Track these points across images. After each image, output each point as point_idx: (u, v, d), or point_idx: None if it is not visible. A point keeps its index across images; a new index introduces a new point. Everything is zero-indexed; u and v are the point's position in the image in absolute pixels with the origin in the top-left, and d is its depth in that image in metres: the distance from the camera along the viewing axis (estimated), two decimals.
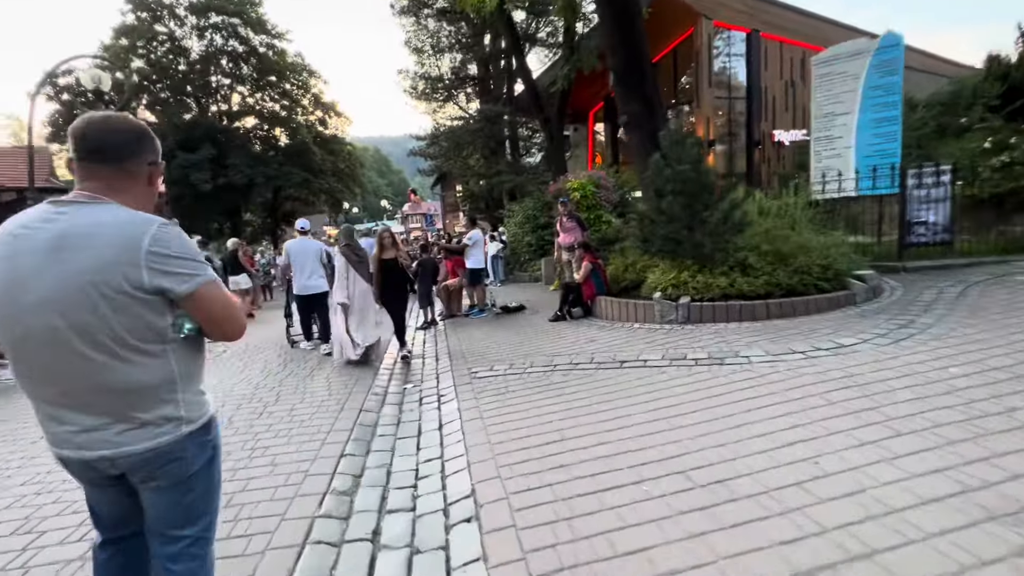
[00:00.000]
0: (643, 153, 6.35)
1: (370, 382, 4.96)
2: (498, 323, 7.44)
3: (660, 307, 5.70)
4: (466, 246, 8.14)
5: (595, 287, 6.71)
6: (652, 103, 6.30)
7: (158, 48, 23.03)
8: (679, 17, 16.08)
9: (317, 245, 6.80)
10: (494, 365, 5.03)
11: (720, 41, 17.65)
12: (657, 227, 5.83)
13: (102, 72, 8.53)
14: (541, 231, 13.13)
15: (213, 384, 5.21)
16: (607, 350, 5.01)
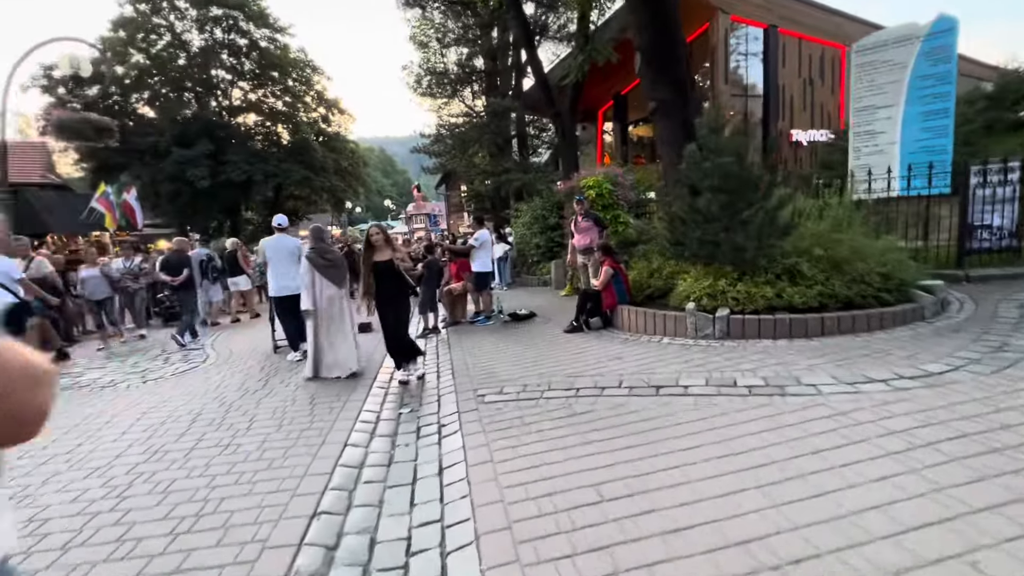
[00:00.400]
0: (673, 145, 5.64)
1: (360, 404, 4.26)
2: (507, 333, 6.73)
3: (694, 319, 4.98)
4: (472, 247, 7.44)
5: (616, 295, 5.99)
6: (684, 89, 5.59)
7: (157, 41, 22.50)
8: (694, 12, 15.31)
9: (294, 242, 6.27)
10: (504, 387, 4.32)
11: (736, 37, 16.94)
12: (690, 228, 5.11)
13: (80, 56, 7.86)
14: (550, 232, 12.42)
15: (180, 403, 4.53)
16: (637, 371, 4.29)
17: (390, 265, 4.86)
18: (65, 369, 6.14)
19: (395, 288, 4.91)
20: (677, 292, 5.47)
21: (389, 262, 4.85)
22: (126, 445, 3.57)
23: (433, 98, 19.64)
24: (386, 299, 4.90)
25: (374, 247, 4.87)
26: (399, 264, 4.91)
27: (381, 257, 4.87)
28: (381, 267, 4.85)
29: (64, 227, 15.86)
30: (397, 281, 4.92)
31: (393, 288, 4.90)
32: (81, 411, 4.49)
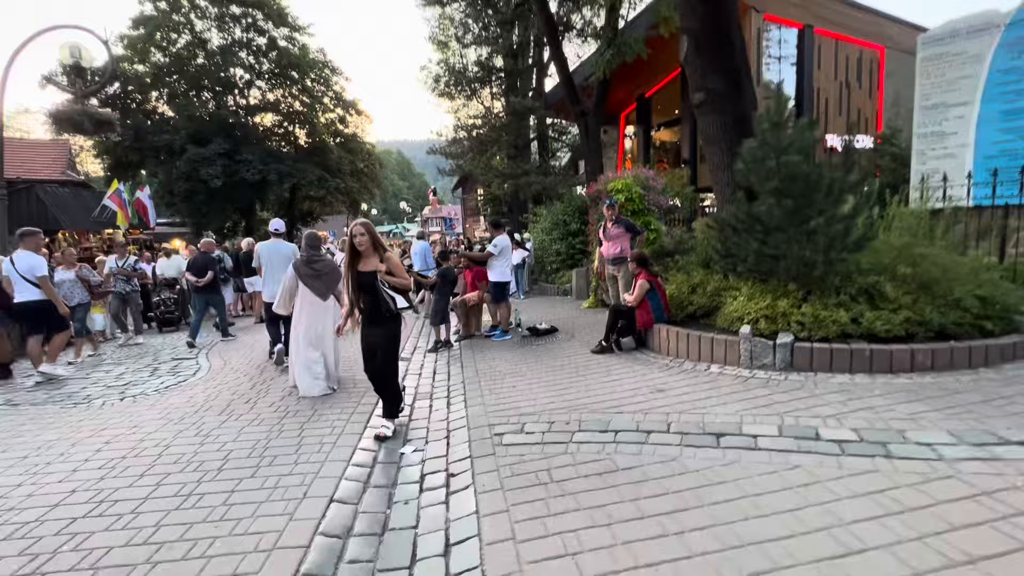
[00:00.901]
0: (724, 143, 4.92)
1: (356, 439, 3.60)
2: (527, 350, 6.04)
3: (749, 346, 4.23)
4: (490, 254, 6.77)
5: (652, 312, 5.27)
6: (740, 78, 4.86)
7: (177, 40, 22.41)
8: None
9: (290, 247, 6.31)
10: (526, 423, 3.63)
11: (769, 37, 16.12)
12: (745, 239, 4.37)
13: (81, 44, 7.43)
14: (571, 239, 11.72)
15: (152, 430, 3.92)
16: (686, 409, 3.56)
17: (374, 280, 3.65)
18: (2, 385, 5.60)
19: (381, 310, 3.66)
20: (725, 312, 4.72)
21: (373, 275, 3.64)
22: (70, 489, 2.96)
23: (451, 99, 19.11)
24: (369, 323, 3.76)
25: (357, 251, 3.70)
26: (390, 279, 3.65)
27: (366, 267, 3.69)
28: (365, 281, 3.68)
29: (76, 224, 15.65)
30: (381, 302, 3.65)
31: (378, 310, 3.66)
32: (42, 436, 3.92)
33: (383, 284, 3.63)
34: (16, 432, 4.02)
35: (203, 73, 22.64)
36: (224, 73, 23.04)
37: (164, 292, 9.47)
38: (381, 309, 3.66)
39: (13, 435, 3.96)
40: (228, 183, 20.72)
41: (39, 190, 15.23)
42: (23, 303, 5.55)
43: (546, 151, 16.73)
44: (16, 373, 6.05)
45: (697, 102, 4.97)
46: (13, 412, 4.62)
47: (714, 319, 4.94)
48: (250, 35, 23.33)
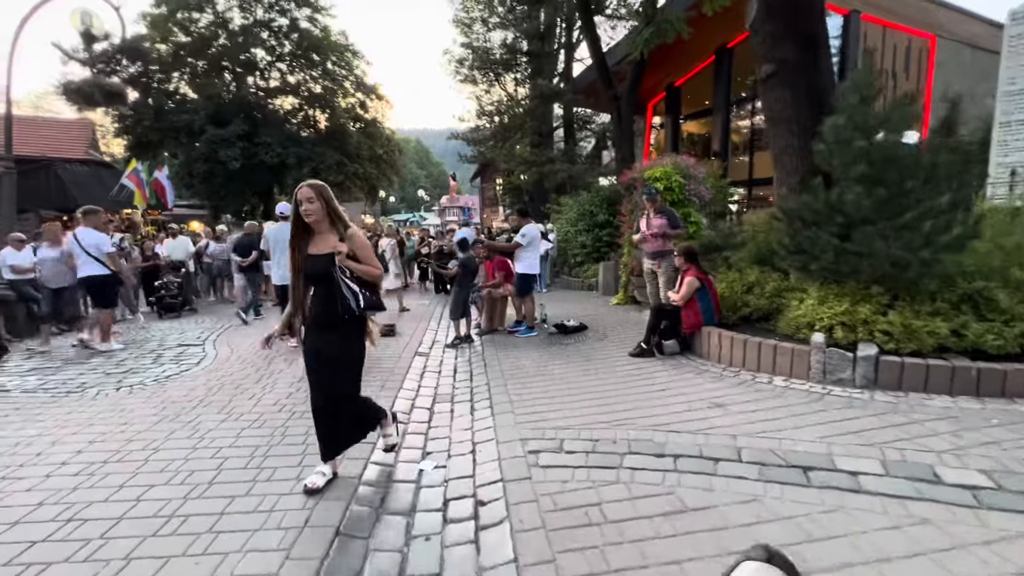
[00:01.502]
0: (795, 122, 4.29)
1: (368, 452, 3.13)
2: (555, 350, 5.52)
3: (822, 357, 3.65)
4: (518, 245, 6.24)
5: (700, 313, 4.69)
6: (818, 46, 4.22)
7: (199, 19, 22.14)
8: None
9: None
10: (565, 439, 3.12)
11: None
12: (821, 233, 3.76)
13: (92, 12, 7.04)
14: (598, 230, 11.12)
15: (142, 428, 3.50)
16: (755, 431, 3.01)
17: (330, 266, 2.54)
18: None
19: (337, 310, 2.55)
20: (789, 316, 4.13)
21: (330, 259, 2.55)
22: (38, 501, 2.54)
23: (474, 83, 18.53)
24: (319, 328, 2.65)
25: (307, 228, 2.63)
26: (353, 266, 2.59)
27: (319, 248, 2.60)
28: (318, 268, 2.57)
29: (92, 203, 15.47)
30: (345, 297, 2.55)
31: (334, 309, 2.55)
32: (24, 430, 3.53)
33: (342, 273, 2.54)
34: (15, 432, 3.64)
35: (224, 53, 22.33)
36: (245, 54, 22.71)
37: (168, 275, 8.91)
38: (337, 308, 2.53)
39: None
40: (247, 165, 20.45)
41: (58, 168, 15.10)
42: (87, 277, 5.85)
43: (572, 138, 16.07)
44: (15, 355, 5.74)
45: (765, 74, 4.34)
46: (2, 400, 4.26)
47: (774, 324, 4.36)
48: (271, 15, 22.93)
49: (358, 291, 2.59)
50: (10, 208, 7.28)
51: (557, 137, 18.83)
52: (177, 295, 8.74)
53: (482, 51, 16.73)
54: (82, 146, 23.46)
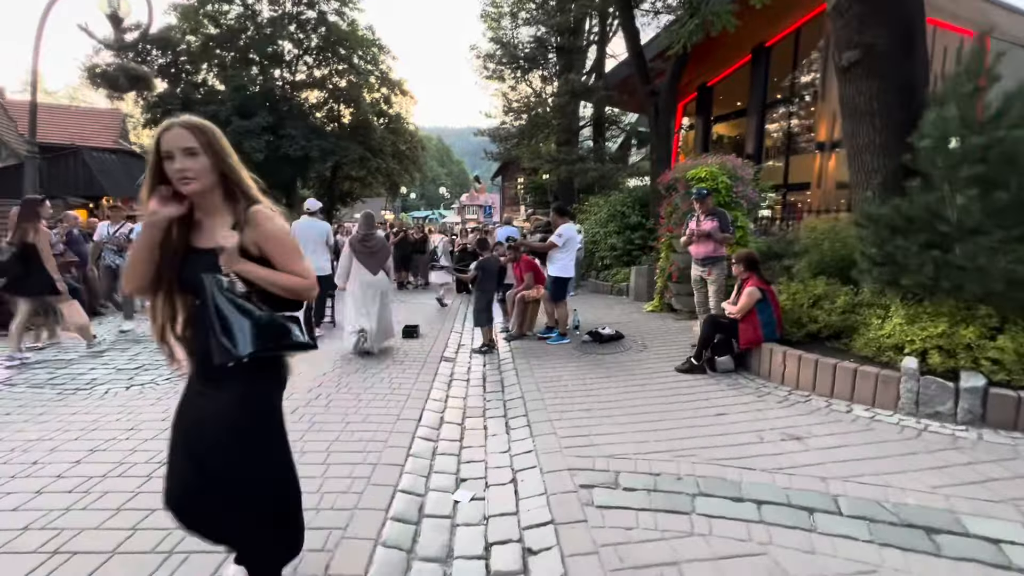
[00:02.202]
0: (879, 116, 3.80)
1: (396, 474, 2.75)
2: (592, 360, 5.10)
3: (916, 386, 3.16)
4: (554, 245, 5.83)
5: (760, 328, 4.22)
6: (913, 31, 3.73)
7: (229, 11, 22.19)
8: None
9: (323, 226, 6.44)
10: (620, 472, 2.70)
11: None
12: (914, 242, 3.27)
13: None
14: (630, 232, 10.66)
15: (149, 435, 3.19)
16: (850, 474, 2.55)
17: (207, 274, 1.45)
18: None
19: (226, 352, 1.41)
20: (869, 336, 3.65)
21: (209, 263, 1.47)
22: (22, 525, 2.22)
23: (501, 80, 18.14)
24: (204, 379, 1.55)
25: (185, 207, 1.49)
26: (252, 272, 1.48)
27: (203, 240, 1.53)
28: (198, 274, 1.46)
29: (119, 191, 15.53)
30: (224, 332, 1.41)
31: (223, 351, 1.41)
32: (23, 433, 3.25)
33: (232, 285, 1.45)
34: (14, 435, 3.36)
35: (252, 45, 22.37)
36: (273, 47, 22.71)
37: None
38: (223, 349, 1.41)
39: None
40: (271, 158, 20.42)
41: (86, 155, 15.16)
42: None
43: (602, 137, 15.57)
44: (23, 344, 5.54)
45: (847, 62, 3.85)
46: (7, 395, 4.01)
47: (848, 343, 3.87)
48: (300, 8, 22.90)
49: (255, 319, 1.43)
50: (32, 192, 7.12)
51: (583, 136, 18.36)
52: None
53: (511, 46, 16.33)
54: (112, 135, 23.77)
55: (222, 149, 1.51)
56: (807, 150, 14.98)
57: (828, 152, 13.67)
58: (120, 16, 7.07)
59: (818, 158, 13.78)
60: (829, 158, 13.74)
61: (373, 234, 5.58)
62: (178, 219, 1.49)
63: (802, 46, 14.93)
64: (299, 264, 1.54)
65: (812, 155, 14.10)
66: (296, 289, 1.53)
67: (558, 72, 16.75)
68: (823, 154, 13.64)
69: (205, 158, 1.46)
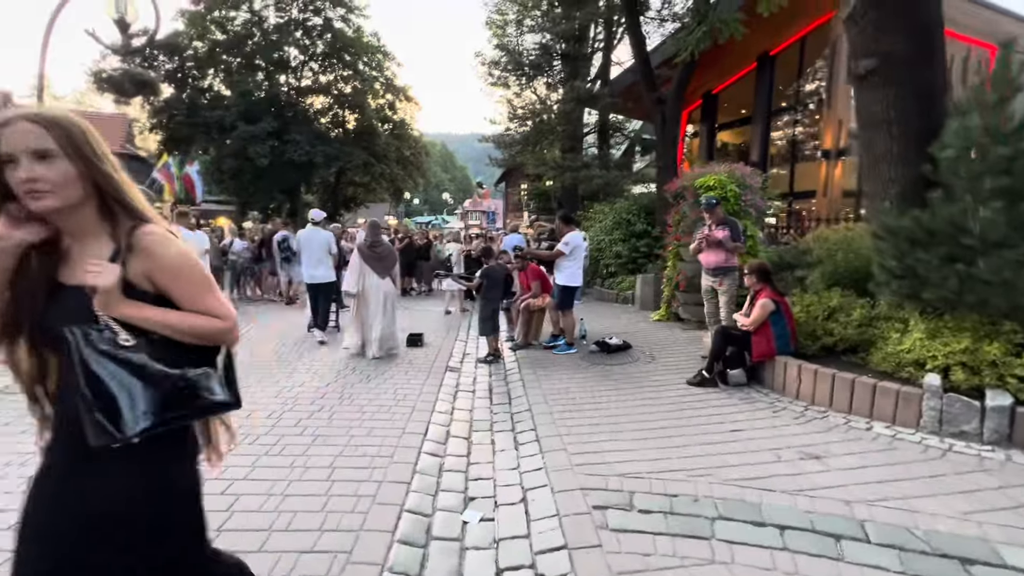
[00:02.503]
0: (897, 125, 3.72)
1: (401, 496, 2.66)
2: (600, 371, 5.00)
3: (939, 404, 3.06)
4: (560, 253, 5.75)
5: (774, 340, 4.12)
6: (932, 38, 3.67)
7: (236, 17, 22.32)
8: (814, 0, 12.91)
9: (326, 235, 6.75)
10: (635, 492, 2.60)
11: None
12: (931, 255, 3.19)
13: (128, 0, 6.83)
14: (635, 240, 10.58)
15: None
16: (875, 497, 2.45)
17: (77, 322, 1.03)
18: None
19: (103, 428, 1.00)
20: (888, 350, 3.55)
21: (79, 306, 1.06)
22: None
23: (506, 87, 18.16)
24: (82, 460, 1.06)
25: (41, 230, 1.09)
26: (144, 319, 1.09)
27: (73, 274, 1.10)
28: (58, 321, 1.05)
29: None
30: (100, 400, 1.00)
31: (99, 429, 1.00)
32: (19, 447, 3.17)
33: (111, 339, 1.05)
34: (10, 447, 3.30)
35: (258, 51, 22.49)
36: (279, 53, 22.84)
37: None
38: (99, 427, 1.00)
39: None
40: (275, 163, 20.47)
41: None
42: None
43: (607, 144, 15.54)
44: None
45: (863, 71, 3.78)
46: (6, 401, 3.93)
47: (865, 357, 3.77)
48: (307, 15, 23.03)
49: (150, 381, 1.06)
50: None
51: (587, 143, 18.35)
52: None
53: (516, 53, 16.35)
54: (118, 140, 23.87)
55: (93, 151, 1.09)
56: (812, 158, 14.92)
57: (834, 160, 13.60)
58: (127, 22, 7.05)
59: (824, 166, 13.72)
60: (835, 166, 13.67)
61: (380, 240, 5.92)
62: (38, 245, 1.09)
63: (807, 54, 14.91)
64: (210, 300, 1.17)
65: (818, 163, 14.04)
66: (209, 333, 1.16)
67: (563, 79, 16.77)
68: (829, 162, 13.58)
69: (67, 164, 1.04)
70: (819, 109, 14.67)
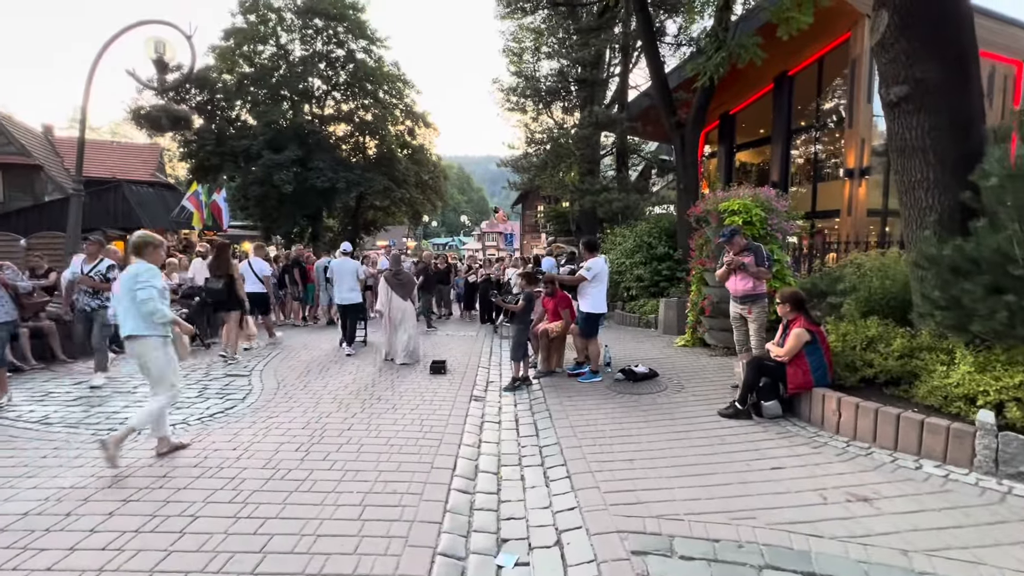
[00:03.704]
0: (933, 152, 3.64)
1: (434, 537, 2.60)
2: (628, 401, 4.90)
3: (996, 443, 2.91)
4: (583, 278, 5.72)
5: (811, 371, 4.00)
6: (967, 64, 3.61)
7: (263, 51, 23.27)
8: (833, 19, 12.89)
9: (355, 264, 7.91)
10: (674, 536, 2.51)
11: None
12: (976, 285, 3.07)
13: (165, 40, 7.19)
14: (656, 263, 10.50)
15: (178, 486, 3.11)
16: (934, 547, 2.32)
17: None
18: None
19: None
20: (934, 384, 3.40)
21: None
22: None
23: (523, 112, 18.46)
24: None
25: None
26: None
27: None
28: None
29: (155, 222, 16.10)
30: None
31: None
32: (57, 480, 3.22)
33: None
34: (33, 468, 3.35)
35: (284, 83, 23.32)
36: (303, 83, 23.66)
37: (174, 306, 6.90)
38: None
39: (28, 473, 3.28)
40: (299, 189, 21.00)
41: (126, 188, 15.82)
42: (253, 293, 7.66)
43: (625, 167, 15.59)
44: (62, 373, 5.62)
45: (895, 98, 3.72)
46: (44, 433, 4.02)
47: (909, 390, 3.62)
48: (330, 47, 23.89)
49: None
50: (76, 229, 7.39)
51: (604, 165, 18.44)
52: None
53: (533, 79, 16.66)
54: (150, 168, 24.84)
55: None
56: (835, 177, 14.73)
57: (858, 179, 13.39)
58: (165, 61, 7.38)
59: (847, 185, 13.51)
60: (859, 185, 13.45)
61: (402, 269, 7.19)
62: None
63: (826, 74, 14.86)
64: None
65: (841, 182, 13.84)
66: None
67: (580, 104, 16.99)
68: (852, 181, 13.37)
69: None
70: (839, 128, 14.54)
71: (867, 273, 4.82)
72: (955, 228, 3.39)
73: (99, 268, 5.74)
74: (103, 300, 5.71)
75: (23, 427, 4.16)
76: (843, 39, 13.65)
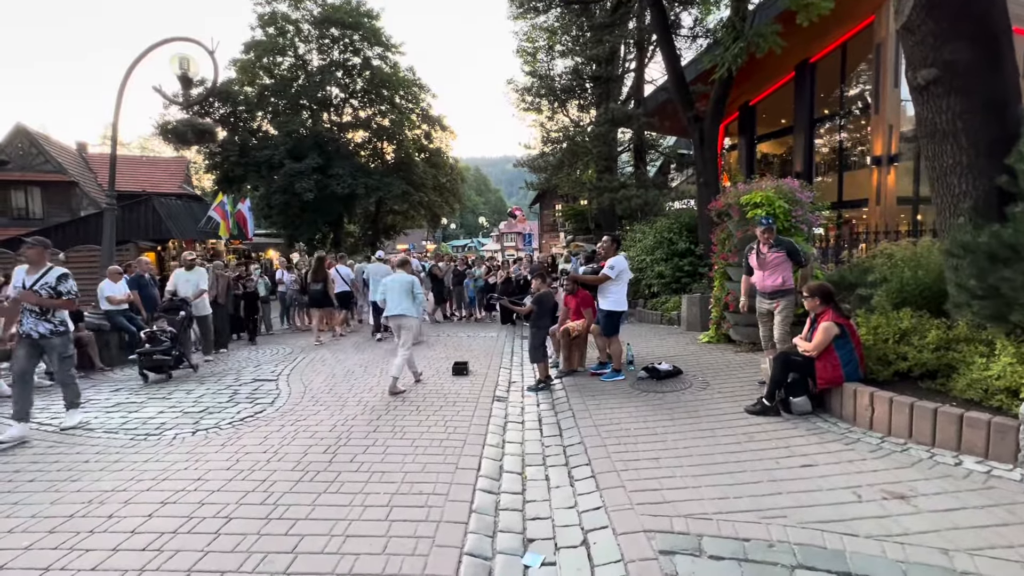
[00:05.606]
0: (964, 136, 3.50)
1: (460, 537, 2.62)
2: (651, 400, 4.85)
3: None
4: (606, 277, 5.68)
5: (840, 366, 3.89)
6: (999, 45, 3.46)
7: (283, 63, 23.81)
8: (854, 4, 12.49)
9: (386, 267, 9.05)
10: (703, 535, 2.48)
11: None
12: (1016, 273, 2.94)
13: (190, 56, 7.41)
14: (678, 259, 10.36)
15: (212, 488, 3.21)
16: (977, 546, 2.23)
17: None
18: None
19: None
20: (973, 376, 3.28)
21: None
22: None
23: (538, 112, 18.44)
24: None
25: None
26: None
27: None
28: None
29: (184, 233, 16.61)
30: None
31: None
32: (99, 483, 3.35)
33: None
34: (75, 473, 3.49)
35: (303, 92, 23.81)
36: (321, 92, 24.11)
37: (160, 321, 6.60)
38: None
39: (71, 477, 3.42)
40: (319, 196, 21.40)
41: (155, 201, 16.36)
42: (339, 292, 9.72)
43: (643, 163, 15.43)
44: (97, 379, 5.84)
45: (923, 81, 3.60)
46: (85, 439, 4.19)
47: (946, 383, 3.50)
48: (347, 55, 24.29)
49: None
50: (110, 243, 7.67)
51: (621, 161, 18.27)
52: (169, 348, 6.22)
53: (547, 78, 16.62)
54: (177, 181, 25.65)
55: None
56: (862, 165, 14.29)
57: (886, 166, 12.96)
58: (189, 76, 7.61)
59: (876, 173, 13.09)
60: (887, 172, 13.02)
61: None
62: None
63: (849, 60, 14.43)
64: None
65: (868, 170, 13.43)
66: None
67: (596, 101, 16.89)
68: (880, 168, 12.95)
69: None
70: (865, 114, 14.11)
71: (898, 263, 4.67)
72: (991, 214, 3.26)
73: (47, 280, 4.34)
74: (56, 325, 4.38)
75: (67, 432, 4.35)
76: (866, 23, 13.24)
